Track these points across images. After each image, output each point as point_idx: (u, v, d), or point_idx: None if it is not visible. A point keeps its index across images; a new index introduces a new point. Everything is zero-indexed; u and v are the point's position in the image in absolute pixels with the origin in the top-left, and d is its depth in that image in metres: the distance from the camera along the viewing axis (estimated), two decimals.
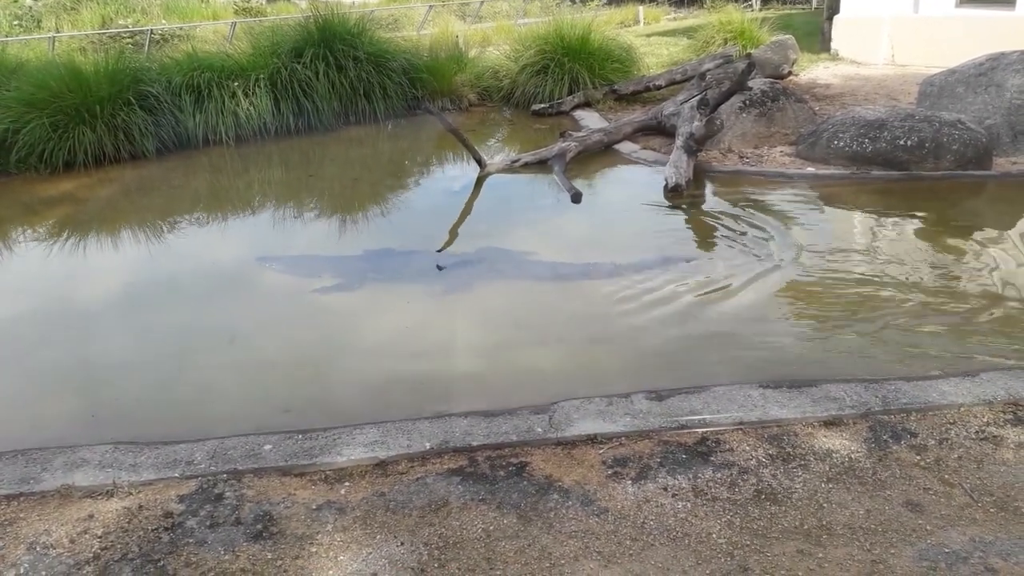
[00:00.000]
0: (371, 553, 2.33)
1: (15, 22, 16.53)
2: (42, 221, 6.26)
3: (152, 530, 2.47)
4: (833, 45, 11.85)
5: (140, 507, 2.58)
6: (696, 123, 6.49)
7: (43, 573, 2.30)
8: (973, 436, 2.79)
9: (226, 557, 2.34)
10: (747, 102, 7.23)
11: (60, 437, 3.07)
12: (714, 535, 2.35)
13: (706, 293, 4.20)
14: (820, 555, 2.25)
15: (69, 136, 7.39)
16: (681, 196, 5.84)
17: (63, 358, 3.94)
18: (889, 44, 11.15)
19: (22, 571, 2.31)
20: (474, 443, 2.84)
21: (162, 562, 2.33)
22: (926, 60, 10.27)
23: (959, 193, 5.88)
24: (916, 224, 5.27)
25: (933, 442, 2.77)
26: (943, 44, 10.09)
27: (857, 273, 4.37)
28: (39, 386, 3.69)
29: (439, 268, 4.83)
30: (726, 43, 10.50)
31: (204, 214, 6.41)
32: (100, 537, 2.44)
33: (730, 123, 7.06)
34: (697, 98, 6.96)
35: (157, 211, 6.44)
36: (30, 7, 17.35)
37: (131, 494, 2.66)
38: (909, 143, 6.09)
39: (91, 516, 2.54)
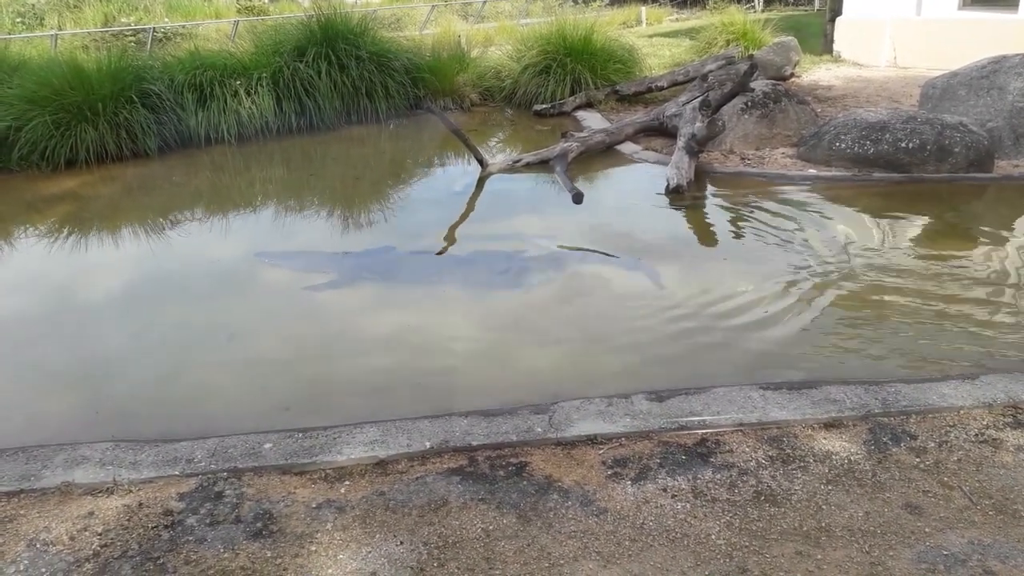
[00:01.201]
0: (370, 552, 2.33)
1: (18, 19, 16.54)
2: (44, 219, 6.27)
3: (152, 528, 2.47)
4: (835, 47, 11.85)
5: (140, 505, 2.59)
6: (698, 124, 6.49)
7: (43, 570, 2.30)
8: (972, 439, 2.80)
9: (226, 555, 2.35)
10: (749, 103, 7.22)
11: (61, 434, 3.08)
12: (713, 536, 2.35)
13: (706, 294, 4.19)
14: (819, 556, 2.25)
15: (71, 134, 7.40)
16: (683, 197, 5.85)
17: (64, 355, 3.94)
18: (891, 46, 11.15)
19: (22, 568, 2.31)
20: (474, 443, 2.84)
21: (162, 560, 2.33)
22: (928, 62, 10.28)
23: (960, 196, 5.88)
24: (918, 226, 5.27)
25: (933, 444, 2.77)
26: (945, 46, 10.09)
27: (858, 274, 4.37)
28: (40, 383, 3.69)
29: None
30: (728, 44, 10.50)
31: (206, 212, 6.42)
32: (100, 534, 2.45)
33: (732, 124, 7.06)
34: (699, 99, 6.96)
35: (159, 209, 6.45)
36: (33, 4, 17.36)
37: (131, 492, 2.66)
38: (911, 145, 6.09)
39: (91, 513, 2.55)
